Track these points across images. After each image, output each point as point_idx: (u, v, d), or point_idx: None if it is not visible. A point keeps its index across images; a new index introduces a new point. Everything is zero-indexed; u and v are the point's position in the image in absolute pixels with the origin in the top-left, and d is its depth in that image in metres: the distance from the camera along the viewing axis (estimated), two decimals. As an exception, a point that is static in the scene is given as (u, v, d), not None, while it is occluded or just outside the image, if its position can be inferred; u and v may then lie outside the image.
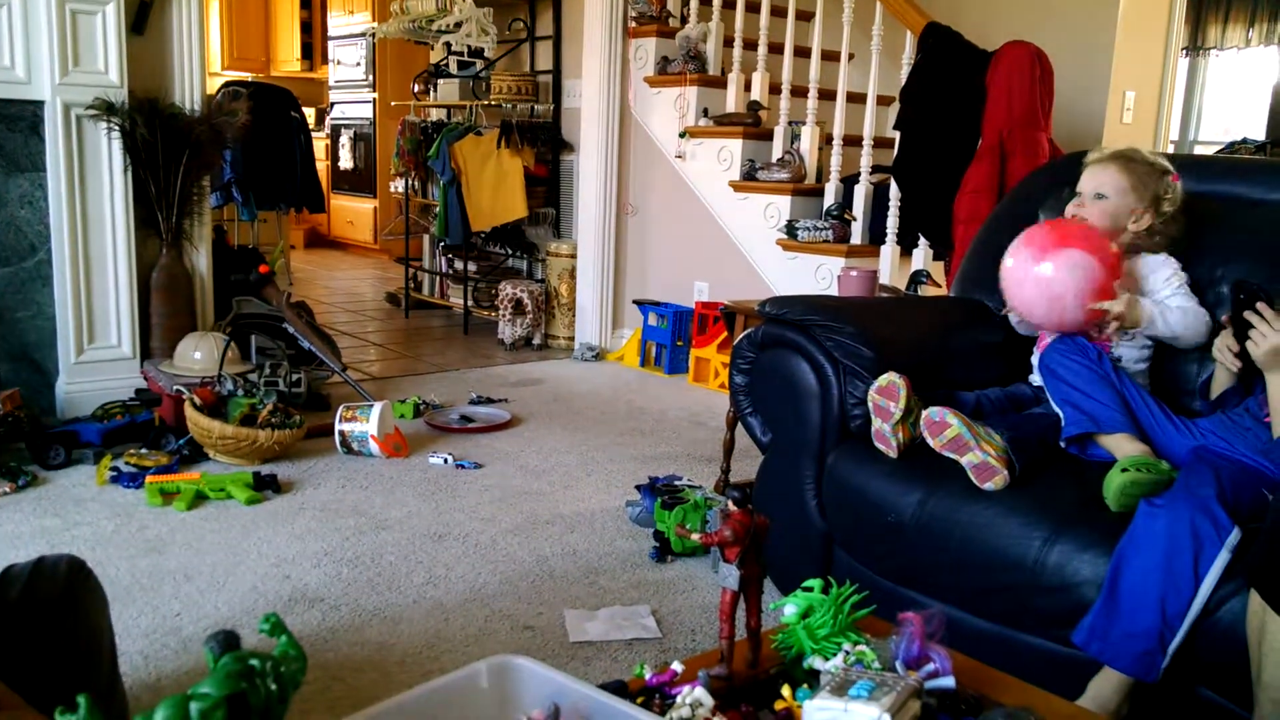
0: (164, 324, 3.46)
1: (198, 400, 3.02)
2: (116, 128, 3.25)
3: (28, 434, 2.97)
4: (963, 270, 2.47)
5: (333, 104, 8.54)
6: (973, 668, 1.27)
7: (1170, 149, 5.20)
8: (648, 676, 1.20)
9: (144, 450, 2.99)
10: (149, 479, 2.76)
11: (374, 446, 3.15)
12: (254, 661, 0.98)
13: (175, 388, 3.15)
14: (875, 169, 3.98)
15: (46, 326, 3.30)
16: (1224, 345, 1.79)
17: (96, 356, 3.36)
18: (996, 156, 3.32)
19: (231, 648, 1.00)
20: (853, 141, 4.07)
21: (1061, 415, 1.85)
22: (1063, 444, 1.86)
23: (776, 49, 4.38)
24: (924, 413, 1.81)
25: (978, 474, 1.74)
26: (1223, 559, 1.44)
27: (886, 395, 1.87)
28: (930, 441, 1.80)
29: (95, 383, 3.34)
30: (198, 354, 3.31)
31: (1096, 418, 1.79)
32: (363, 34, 7.86)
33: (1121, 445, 1.76)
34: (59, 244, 3.25)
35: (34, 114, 3.18)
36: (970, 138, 3.46)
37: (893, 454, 1.88)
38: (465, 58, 5.43)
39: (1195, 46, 6.57)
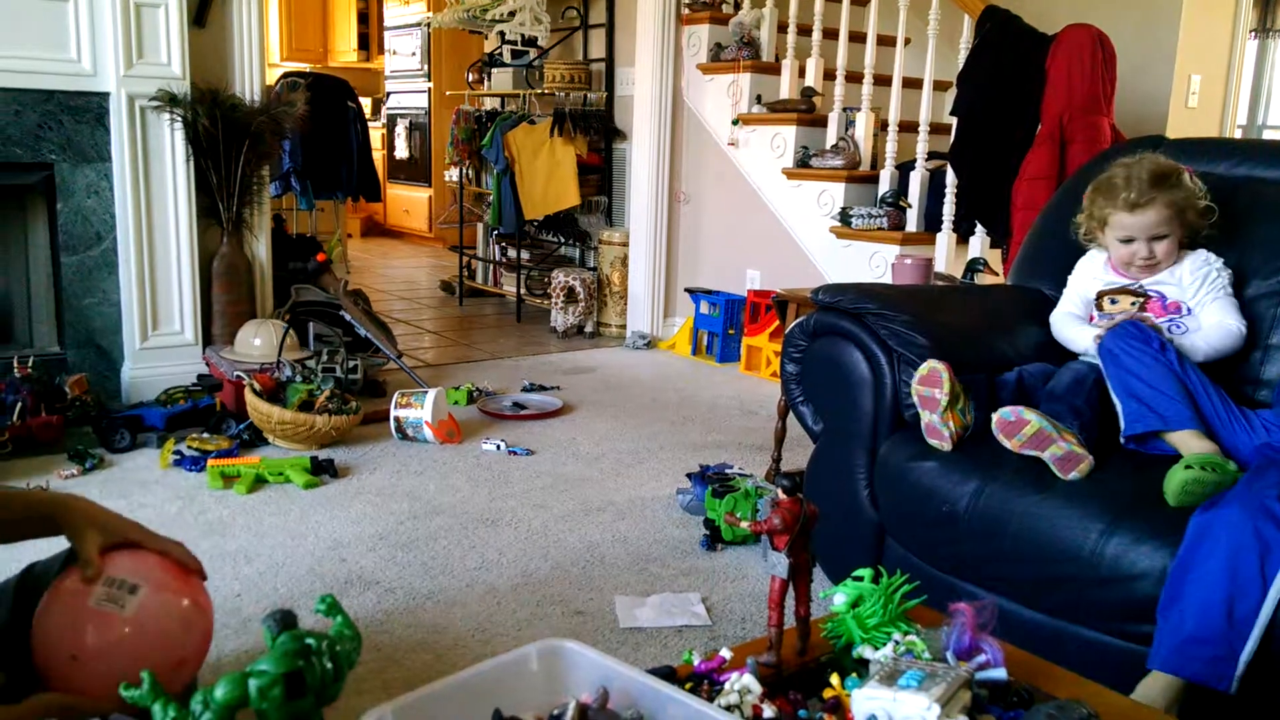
0: (225, 311, 3.53)
1: (257, 386, 3.08)
2: (179, 119, 3.32)
3: (94, 418, 3.05)
4: (1020, 258, 2.43)
5: (389, 94, 8.63)
6: (1025, 660, 1.26)
7: (1238, 134, 5.06)
8: (696, 663, 1.20)
9: (206, 434, 3.06)
10: (210, 462, 2.82)
11: (428, 432, 3.19)
12: (311, 641, 1.01)
13: (236, 373, 3.22)
14: (931, 155, 3.93)
15: (112, 313, 3.39)
16: None
17: (160, 343, 3.44)
18: (1056, 142, 3.26)
19: (289, 627, 1.03)
20: (908, 128, 4.02)
21: (1121, 409, 1.81)
22: (1123, 440, 1.82)
23: (831, 34, 4.34)
24: (995, 417, 1.77)
25: (1062, 465, 1.70)
26: None
27: (929, 383, 1.85)
28: (1007, 443, 1.75)
29: (159, 368, 3.42)
30: (257, 340, 3.37)
31: (1164, 414, 1.74)
32: (418, 24, 7.94)
33: (1188, 442, 1.71)
34: (124, 233, 3.33)
35: (99, 106, 3.26)
36: (1029, 123, 3.39)
37: (947, 446, 1.84)
38: (519, 47, 5.45)
39: (1264, 28, 6.38)
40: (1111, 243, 2.02)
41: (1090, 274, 2.10)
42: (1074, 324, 2.08)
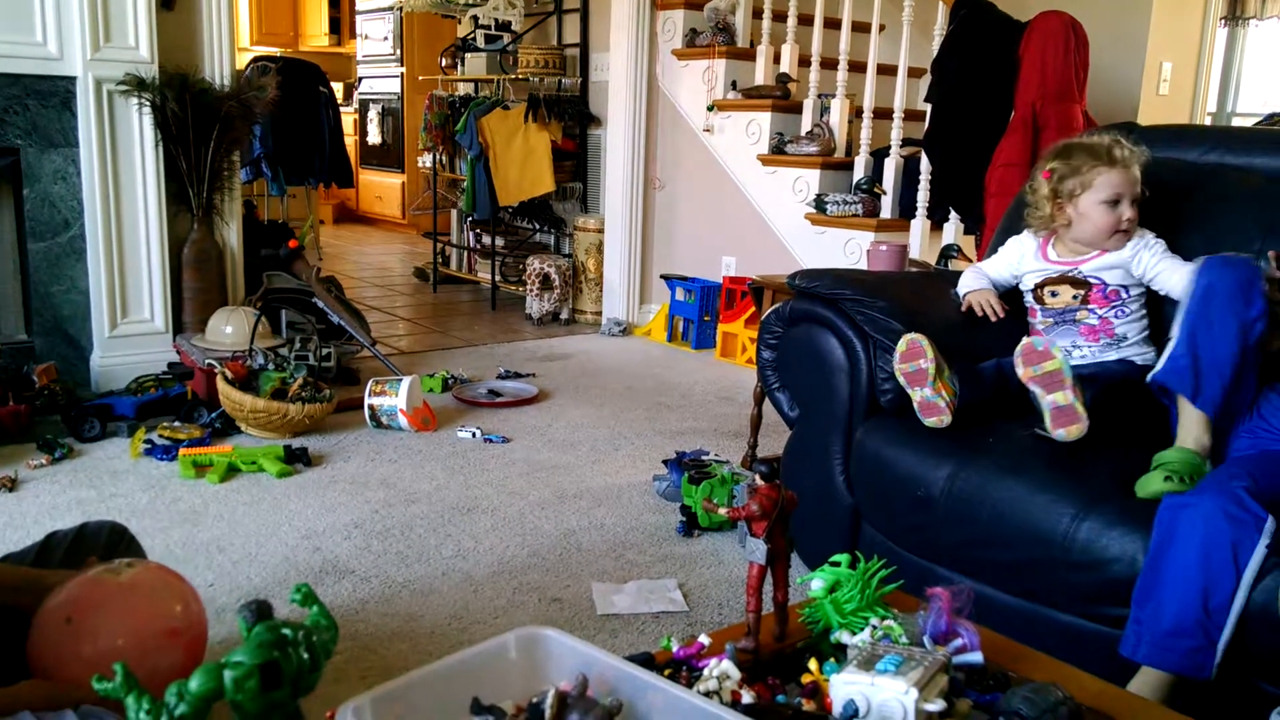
0: (196, 298, 3.49)
1: (229, 374, 3.05)
2: (147, 103, 3.27)
3: (63, 407, 3.02)
4: (993, 245, 2.44)
5: (360, 79, 8.55)
6: (1000, 643, 1.27)
7: (1208, 120, 5.10)
8: (675, 649, 1.20)
9: (177, 423, 3.03)
10: (182, 452, 2.80)
11: (403, 420, 3.17)
12: (286, 631, 1.00)
13: (207, 361, 3.18)
14: (906, 142, 3.94)
15: (80, 301, 3.34)
16: None
17: (130, 330, 3.40)
18: (1029, 129, 3.27)
19: (264, 617, 1.02)
20: (883, 114, 4.03)
21: (1170, 350, 1.70)
22: (1150, 380, 1.74)
23: (806, 20, 4.34)
24: (1026, 340, 1.76)
25: (1058, 416, 1.70)
26: (1261, 550, 1.41)
27: (912, 356, 1.85)
28: (1021, 369, 1.74)
29: (129, 356, 3.38)
30: (229, 328, 3.34)
31: (1201, 389, 1.64)
32: (390, 8, 7.86)
33: (1191, 426, 1.66)
34: (92, 219, 3.28)
35: (66, 90, 3.20)
36: (1003, 110, 3.41)
37: (947, 418, 1.82)
38: (493, 31, 5.41)
39: (1234, 16, 6.43)
40: (1091, 209, 1.94)
41: (1019, 256, 2.09)
42: (971, 275, 2.13)
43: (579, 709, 0.99)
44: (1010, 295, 2.14)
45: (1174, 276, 1.92)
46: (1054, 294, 2.01)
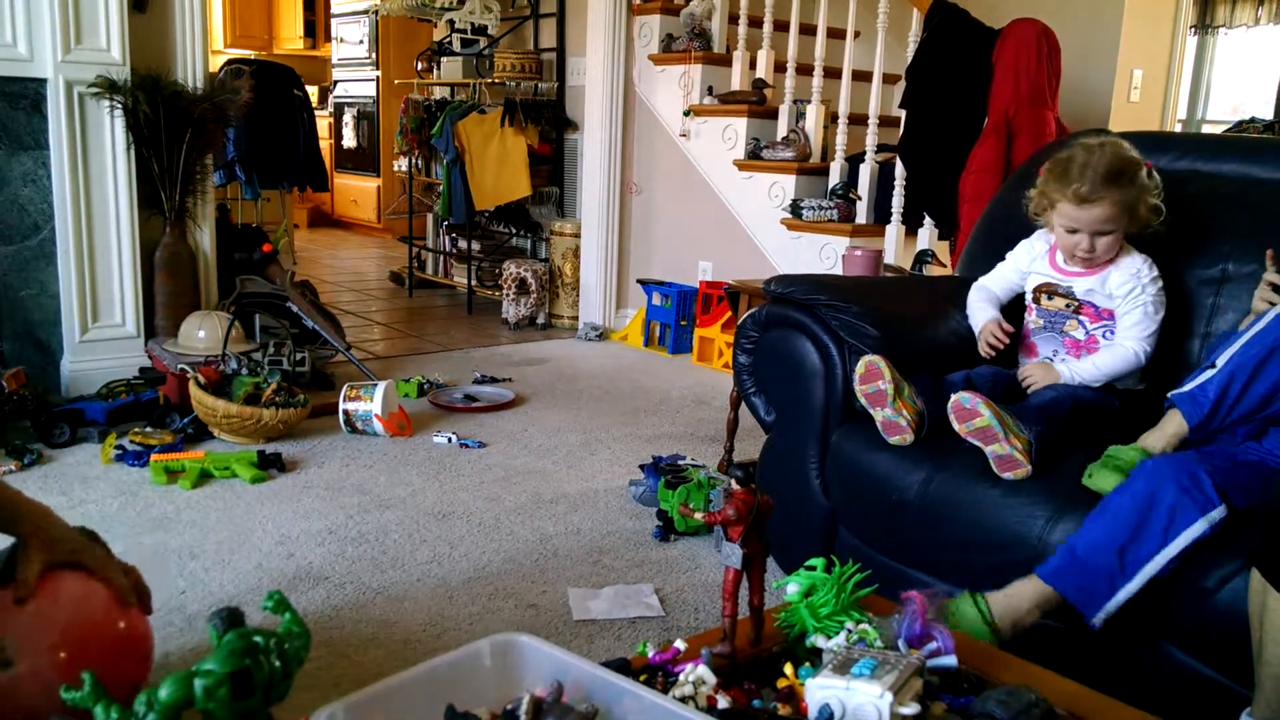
0: (168, 303, 3.46)
1: (202, 379, 3.02)
2: (119, 106, 3.24)
3: (33, 412, 2.98)
4: (967, 250, 2.46)
5: (336, 82, 8.50)
6: (974, 646, 1.27)
7: (1178, 127, 5.17)
8: (651, 654, 1.20)
9: (149, 429, 3.00)
10: (154, 457, 2.77)
11: (378, 425, 3.15)
12: (258, 638, 0.99)
13: (180, 366, 3.15)
14: (881, 148, 3.97)
15: (50, 305, 3.30)
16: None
17: (100, 335, 3.36)
18: (1002, 135, 3.30)
19: (236, 625, 1.01)
20: (858, 120, 4.05)
21: (1201, 380, 1.66)
22: (1168, 397, 1.72)
23: (782, 26, 4.36)
24: (955, 396, 1.77)
25: (1000, 465, 1.72)
26: (1198, 528, 1.45)
27: (870, 378, 1.86)
28: (956, 425, 1.76)
29: (100, 361, 3.34)
30: (202, 333, 3.31)
31: (1206, 425, 1.64)
32: (365, 11, 7.83)
33: (1167, 431, 1.67)
34: (62, 222, 3.24)
35: (36, 92, 3.17)
36: (976, 116, 3.43)
37: (910, 438, 1.84)
38: (469, 35, 5.40)
39: (1204, 24, 6.52)
40: (1056, 226, 1.98)
41: (1029, 257, 2.10)
42: (980, 301, 2.12)
43: (554, 715, 0.99)
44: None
45: (1127, 326, 1.94)
46: (1050, 296, 2.04)
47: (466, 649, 1.11)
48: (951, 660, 1.17)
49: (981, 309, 2.11)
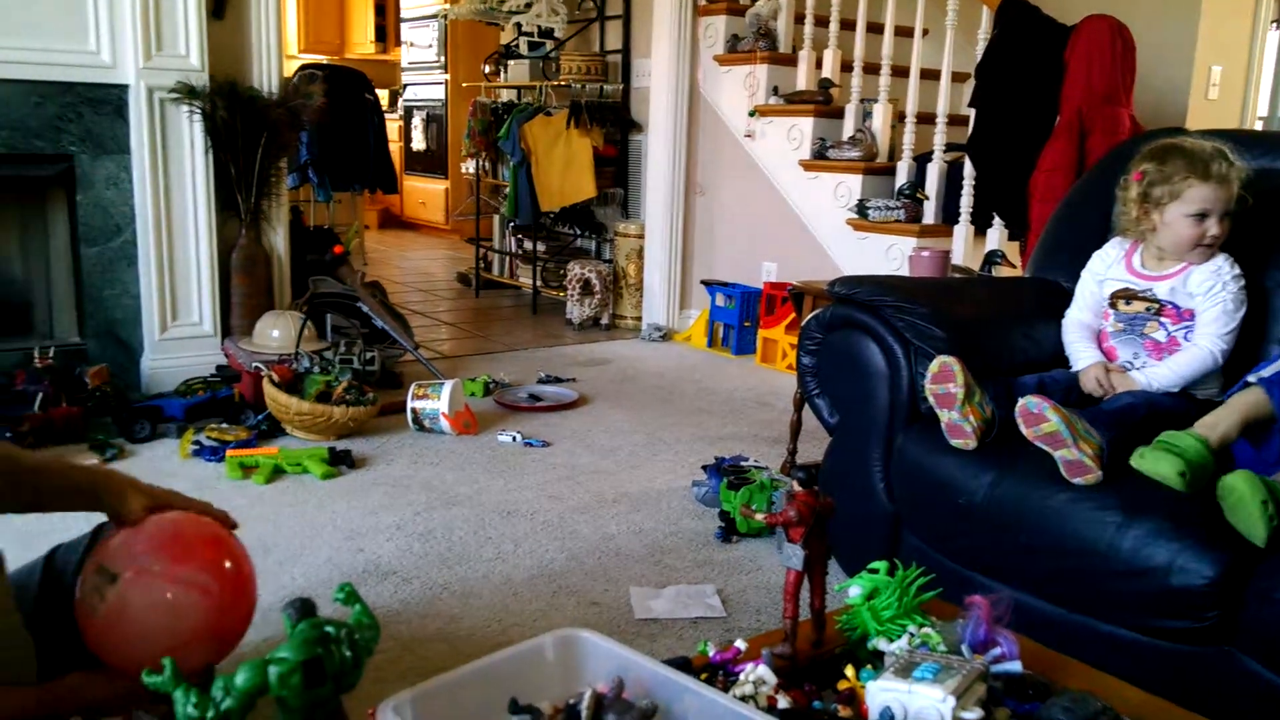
0: (243, 302, 3.55)
1: (276, 377, 3.10)
2: (198, 111, 3.33)
3: (114, 408, 3.08)
4: (1038, 250, 2.42)
5: (405, 86, 8.64)
6: (1041, 653, 1.26)
7: (1258, 125, 5.01)
8: (711, 653, 1.21)
9: (225, 425, 3.08)
10: (229, 453, 2.84)
11: (445, 424, 3.20)
12: (329, 628, 1.02)
13: (254, 364, 3.24)
14: (949, 147, 3.91)
15: (132, 304, 3.41)
16: None
17: (179, 334, 3.46)
18: (1075, 134, 3.23)
19: (308, 615, 1.04)
20: (926, 119, 4.00)
21: None
22: (1256, 379, 1.72)
23: (848, 25, 4.32)
24: (1021, 401, 1.74)
25: (1069, 470, 1.68)
26: None
27: (942, 379, 1.84)
28: (1023, 430, 1.73)
29: (178, 359, 3.44)
30: (275, 332, 3.39)
31: None
32: (435, 16, 7.94)
33: (1236, 409, 1.67)
34: (143, 224, 3.35)
35: (119, 97, 3.27)
36: (1048, 114, 3.37)
37: (972, 444, 1.81)
38: (535, 38, 5.45)
39: (1288, 18, 6.31)
40: (1176, 220, 1.89)
41: (1104, 265, 2.06)
42: (1080, 340, 2.04)
43: (615, 711, 1.00)
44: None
45: (1205, 324, 1.89)
46: (1128, 301, 1.99)
47: (530, 643, 1.13)
48: (1016, 666, 1.16)
49: (1082, 348, 2.03)
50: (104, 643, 1.21)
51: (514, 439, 3.18)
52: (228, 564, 1.31)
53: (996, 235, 3.70)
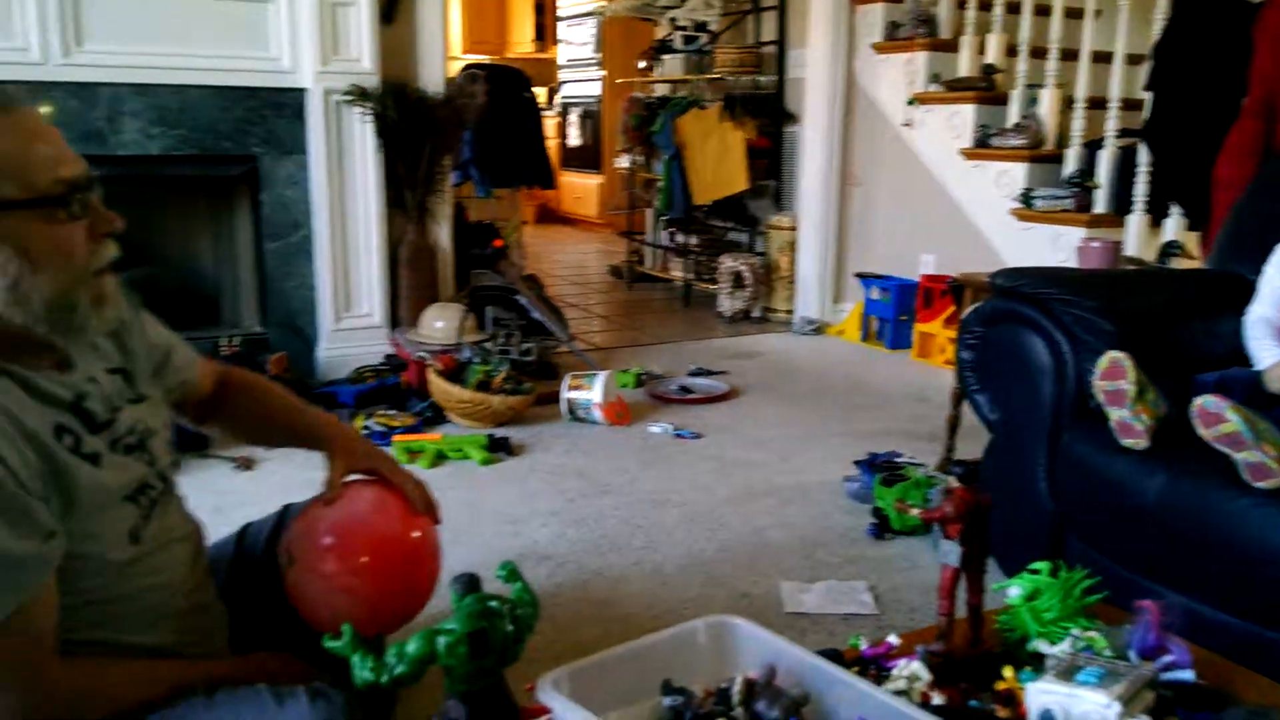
0: (410, 295, 3.71)
1: (439, 366, 3.23)
2: (369, 112, 3.50)
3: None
4: (1220, 241, 2.29)
5: (562, 83, 8.81)
6: (1215, 663, 1.20)
7: None
8: (863, 647, 1.20)
9: (392, 411, 3.23)
10: (396, 438, 2.98)
11: (598, 414, 3.27)
12: (494, 603, 1.07)
13: (419, 354, 3.38)
14: (1122, 133, 3.72)
15: (308, 296, 3.61)
16: None
17: (351, 324, 3.65)
18: (1262, 117, 3.03)
19: (473, 590, 1.09)
20: (1096, 104, 3.82)
21: None
22: None
23: (1013, 8, 4.17)
24: (1198, 400, 1.66)
25: (1252, 473, 1.59)
26: None
27: (1112, 375, 1.76)
28: (1200, 431, 1.65)
29: (350, 348, 3.62)
30: (439, 323, 3.53)
31: None
32: (591, 13, 8.07)
33: None
34: (319, 220, 3.54)
35: (298, 101, 3.47)
36: (1233, 96, 3.16)
37: (1144, 443, 1.73)
38: (690, 32, 5.47)
39: None
40: None
41: None
42: (1263, 337, 1.91)
43: (766, 697, 1.01)
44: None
45: None
46: None
47: (683, 627, 1.15)
48: (1189, 674, 1.11)
49: (1266, 346, 1.91)
50: (293, 599, 1.30)
51: (665, 430, 3.22)
52: (398, 567, 1.33)
53: (1174, 225, 3.50)
